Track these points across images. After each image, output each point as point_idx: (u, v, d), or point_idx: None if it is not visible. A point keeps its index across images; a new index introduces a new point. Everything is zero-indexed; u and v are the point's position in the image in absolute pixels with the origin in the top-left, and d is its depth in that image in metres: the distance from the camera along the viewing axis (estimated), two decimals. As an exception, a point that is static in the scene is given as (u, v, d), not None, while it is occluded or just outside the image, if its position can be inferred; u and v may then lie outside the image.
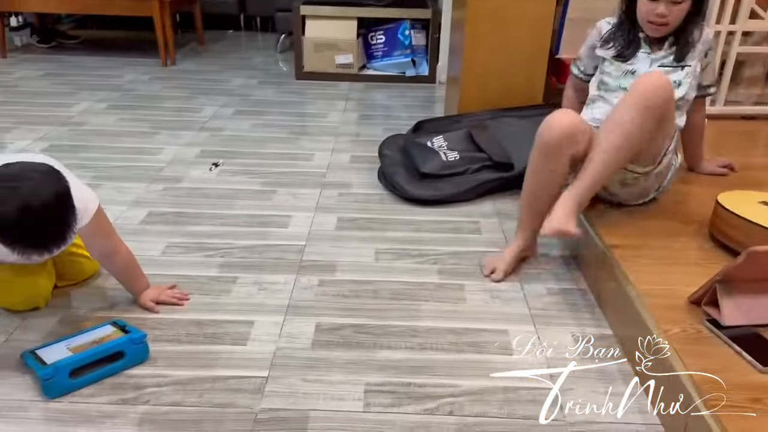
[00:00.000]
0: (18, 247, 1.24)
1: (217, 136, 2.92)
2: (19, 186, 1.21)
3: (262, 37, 5.14)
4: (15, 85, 3.57)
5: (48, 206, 1.23)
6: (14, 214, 1.19)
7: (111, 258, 1.59)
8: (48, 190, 1.24)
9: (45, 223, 1.23)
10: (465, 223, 2.18)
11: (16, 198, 1.19)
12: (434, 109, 3.46)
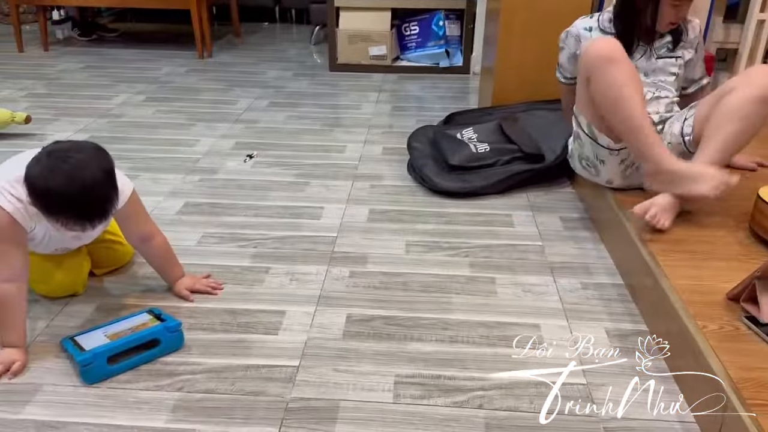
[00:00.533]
0: (62, 217, 1.30)
1: (251, 128, 2.95)
2: (70, 158, 1.27)
3: (296, 29, 5.16)
4: (57, 78, 3.67)
5: (94, 179, 1.29)
6: (63, 183, 1.25)
7: (147, 243, 1.63)
8: (95, 165, 1.30)
9: (90, 195, 1.29)
10: (497, 215, 2.16)
11: (65, 169, 1.26)
12: (468, 100, 3.44)
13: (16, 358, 1.39)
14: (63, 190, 1.26)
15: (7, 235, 1.37)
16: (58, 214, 1.30)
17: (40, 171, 1.27)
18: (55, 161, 1.27)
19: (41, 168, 1.27)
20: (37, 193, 1.28)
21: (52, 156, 1.29)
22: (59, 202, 1.28)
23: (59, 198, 1.28)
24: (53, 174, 1.26)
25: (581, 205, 2.23)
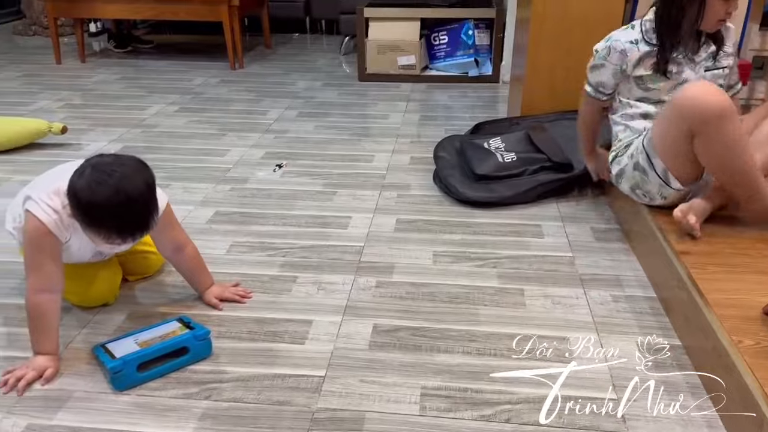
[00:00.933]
0: (104, 230, 1.33)
1: (281, 137, 2.98)
2: (114, 172, 1.30)
3: (326, 39, 5.21)
4: (93, 89, 3.76)
5: (138, 193, 1.32)
6: (107, 197, 1.28)
7: (179, 253, 1.65)
8: (139, 178, 1.33)
9: (133, 209, 1.32)
10: (526, 226, 2.14)
11: (110, 183, 1.28)
12: (497, 110, 3.42)
13: (49, 365, 1.42)
14: (107, 204, 1.29)
15: (43, 246, 1.40)
16: (101, 227, 1.33)
17: (85, 184, 1.29)
18: (100, 174, 1.29)
19: (86, 181, 1.30)
20: (81, 205, 1.31)
21: (96, 169, 1.31)
22: (103, 216, 1.31)
23: (103, 211, 1.30)
24: (98, 187, 1.28)
25: (613, 215, 2.19)
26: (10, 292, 1.75)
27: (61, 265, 1.46)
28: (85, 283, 1.61)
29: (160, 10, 4.10)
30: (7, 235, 1.98)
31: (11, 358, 1.49)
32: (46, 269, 1.41)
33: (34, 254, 1.41)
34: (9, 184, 2.45)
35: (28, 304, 1.42)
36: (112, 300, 1.70)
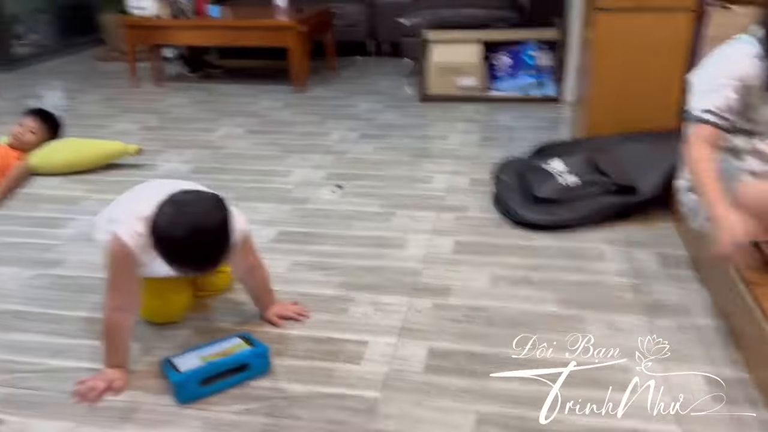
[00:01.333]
0: (177, 264, 1.38)
1: (342, 158, 3.04)
2: (192, 212, 1.35)
3: (389, 62, 5.28)
4: (167, 112, 3.95)
5: (214, 234, 1.37)
6: (185, 237, 1.33)
7: (251, 274, 1.70)
8: (214, 219, 1.38)
9: (208, 249, 1.37)
10: (588, 250, 2.09)
11: (186, 223, 1.34)
12: (560, 131, 3.37)
13: (119, 378, 1.49)
14: (182, 244, 1.34)
15: (126, 267, 1.47)
16: (178, 263, 1.38)
17: (164, 222, 1.34)
18: (179, 213, 1.35)
19: (166, 219, 1.35)
20: (161, 243, 1.36)
21: (176, 207, 1.36)
22: (180, 255, 1.36)
23: (180, 251, 1.36)
24: (177, 227, 1.33)
25: (680, 241, 2.12)
26: (87, 306, 1.85)
27: (140, 286, 1.53)
28: (157, 301, 1.68)
29: (231, 37, 4.28)
30: (89, 253, 2.11)
31: (87, 369, 1.57)
32: (126, 289, 1.49)
33: (116, 274, 1.49)
34: (88, 202, 2.60)
35: (105, 320, 1.50)
36: (180, 319, 1.77)
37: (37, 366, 1.60)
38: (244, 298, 1.81)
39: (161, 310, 1.72)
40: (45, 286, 1.97)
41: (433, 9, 4.50)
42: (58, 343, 1.69)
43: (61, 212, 2.50)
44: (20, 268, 2.07)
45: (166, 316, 1.74)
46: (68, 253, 2.17)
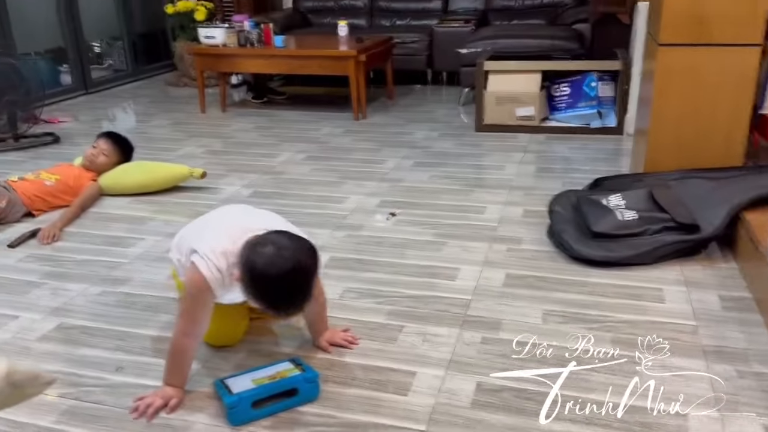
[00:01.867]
0: (264, 306, 1.42)
1: (396, 186, 3.08)
2: (290, 258, 1.38)
3: (446, 90, 5.33)
4: (231, 137, 4.10)
5: (307, 277, 1.41)
6: (279, 283, 1.38)
7: (315, 299, 1.73)
8: (310, 263, 1.42)
9: (296, 297, 1.41)
10: (646, 289, 2.04)
11: (284, 268, 1.37)
12: (620, 163, 3.31)
13: (175, 396, 1.55)
14: (276, 290, 1.39)
15: (201, 299, 1.53)
16: (263, 303, 1.42)
17: (264, 265, 1.38)
18: (278, 258, 1.38)
19: (264, 261, 1.38)
20: (256, 283, 1.40)
21: (276, 251, 1.39)
22: (268, 297, 1.41)
23: (270, 294, 1.40)
24: (273, 271, 1.37)
25: (744, 282, 2.04)
26: (151, 325, 1.94)
27: (210, 316, 1.58)
28: (215, 325, 1.72)
29: (294, 65, 4.42)
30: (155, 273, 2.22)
31: (147, 386, 1.65)
32: (197, 318, 1.55)
33: (191, 303, 1.55)
34: (154, 223, 2.72)
35: (173, 343, 1.57)
36: (235, 343, 1.83)
37: (100, 380, 1.68)
38: (295, 321, 1.85)
39: (221, 333, 1.78)
40: (111, 303, 2.07)
41: (492, 39, 4.54)
42: (122, 359, 1.77)
43: (129, 232, 2.63)
44: (88, 285, 2.19)
45: (225, 339, 1.81)
46: (134, 271, 2.28)
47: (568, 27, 4.78)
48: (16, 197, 2.76)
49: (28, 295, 2.13)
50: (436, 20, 5.41)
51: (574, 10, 5.12)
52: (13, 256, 2.44)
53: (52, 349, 1.82)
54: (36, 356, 1.80)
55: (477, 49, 4.49)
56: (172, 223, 2.67)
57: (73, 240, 2.57)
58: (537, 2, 5.43)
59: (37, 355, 1.80)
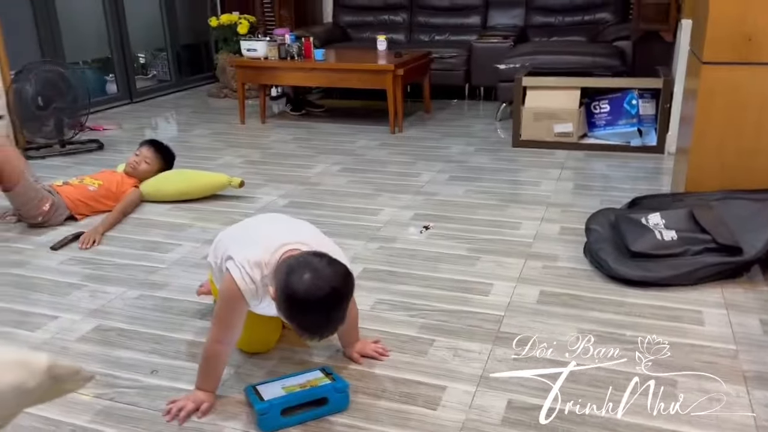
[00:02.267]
0: (298, 328, 1.42)
1: (431, 200, 3.07)
2: (328, 285, 1.38)
3: (483, 106, 5.32)
4: (269, 147, 4.17)
5: (341, 312, 1.41)
6: (316, 308, 1.38)
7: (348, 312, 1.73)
8: (346, 290, 1.42)
9: (330, 323, 1.42)
10: (685, 311, 1.99)
11: (321, 295, 1.37)
12: (660, 182, 3.25)
13: (207, 400, 1.57)
14: (313, 315, 1.39)
15: (234, 308, 1.55)
16: (296, 326, 1.43)
17: (303, 289, 1.36)
18: (316, 283, 1.36)
19: (304, 286, 1.36)
20: (290, 305, 1.40)
21: (314, 275, 1.37)
22: (304, 321, 1.41)
23: (306, 318, 1.40)
24: (311, 297, 1.36)
25: (788, 307, 1.97)
26: (186, 329, 1.97)
27: (243, 324, 1.60)
28: (249, 332, 1.74)
29: (333, 79, 4.48)
30: (191, 278, 2.26)
31: (180, 389, 1.67)
32: (230, 326, 1.57)
33: (225, 311, 1.57)
34: (193, 229, 2.78)
35: (207, 349, 1.59)
36: (268, 351, 1.84)
37: (135, 382, 1.71)
38: (327, 332, 1.86)
39: (254, 340, 1.80)
40: (148, 306, 2.12)
41: (531, 55, 4.52)
42: (156, 362, 1.80)
43: (168, 238, 2.69)
44: (127, 288, 2.24)
45: (258, 346, 1.82)
46: (172, 276, 2.33)
47: (609, 44, 4.74)
48: (60, 201, 2.85)
49: (68, 296, 2.19)
50: (474, 36, 5.41)
51: (615, 27, 5.07)
52: (55, 258, 2.51)
53: (89, 350, 1.87)
54: (74, 356, 1.84)
55: (515, 64, 4.48)
56: (209, 230, 2.72)
57: (113, 244, 2.64)
58: (577, 19, 5.40)
59: (75, 355, 1.85)
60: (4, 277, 2.35)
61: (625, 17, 5.27)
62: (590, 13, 5.36)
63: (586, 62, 4.35)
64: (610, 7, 5.31)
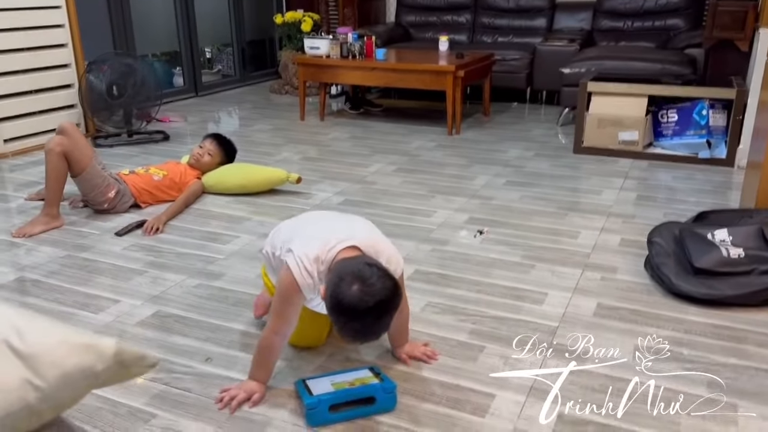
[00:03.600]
0: (343, 331, 1.44)
1: (486, 204, 3.04)
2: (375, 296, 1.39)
3: (545, 110, 5.22)
4: (327, 145, 4.21)
5: (385, 323, 1.43)
6: (362, 320, 1.40)
7: (399, 311, 1.74)
8: (390, 306, 1.43)
9: (374, 329, 1.43)
10: (750, 332, 1.90)
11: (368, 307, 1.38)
12: (728, 197, 3.11)
13: (258, 391, 1.60)
14: (358, 323, 1.41)
15: (291, 300, 1.58)
16: (342, 329, 1.44)
17: (349, 301, 1.38)
18: (364, 296, 1.38)
19: (351, 299, 1.38)
20: (338, 312, 1.42)
21: (363, 286, 1.39)
22: (349, 327, 1.43)
23: (352, 326, 1.42)
24: (357, 307, 1.38)
25: None
26: (241, 320, 2.02)
27: (298, 317, 1.63)
28: (301, 326, 1.76)
29: (393, 79, 4.48)
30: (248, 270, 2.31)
31: (233, 378, 1.71)
32: (286, 317, 1.60)
33: (282, 303, 1.60)
34: (250, 222, 2.84)
35: (263, 340, 1.62)
36: (318, 345, 1.86)
37: (190, 369, 1.76)
38: (377, 332, 1.86)
39: (306, 334, 1.82)
40: (205, 296, 2.17)
41: (597, 60, 4.42)
42: (211, 350, 1.85)
43: (226, 229, 2.76)
44: (186, 277, 2.31)
45: (309, 341, 1.85)
46: (229, 267, 2.38)
47: (680, 51, 4.58)
48: (125, 189, 2.96)
49: (130, 281, 2.28)
50: (539, 38, 5.32)
51: (686, 34, 4.89)
52: (119, 243, 2.61)
53: (148, 335, 1.94)
54: (132, 340, 1.91)
55: (581, 69, 4.39)
56: (266, 224, 2.77)
57: (175, 233, 2.72)
58: (647, 25, 5.23)
59: (134, 339, 1.92)
60: (71, 259, 2.46)
61: (698, 24, 5.07)
62: (661, 19, 5.18)
63: (654, 69, 4.21)
64: (682, 14, 5.13)
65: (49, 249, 2.56)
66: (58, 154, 2.69)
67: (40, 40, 3.98)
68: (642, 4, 5.22)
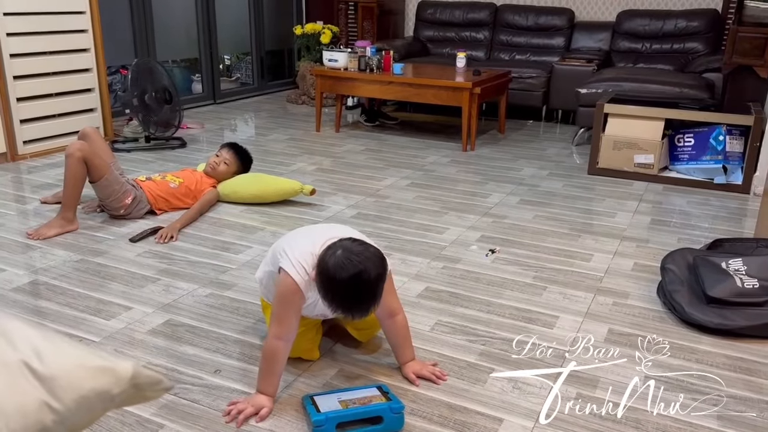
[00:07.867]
0: (333, 305, 1.52)
1: (498, 222, 3.04)
2: (359, 262, 1.49)
3: (560, 129, 5.22)
4: (341, 157, 4.23)
5: (369, 286, 1.50)
6: (345, 282, 1.49)
7: (391, 318, 1.76)
8: (375, 273, 1.51)
9: (362, 297, 1.50)
10: (763, 365, 1.88)
11: (351, 270, 1.48)
12: (743, 224, 3.09)
13: (266, 405, 1.61)
14: (343, 289, 1.49)
15: (292, 301, 1.61)
16: (332, 301, 1.52)
17: (334, 265, 1.49)
18: (347, 259, 1.49)
19: (335, 262, 1.49)
20: (324, 280, 1.52)
21: (346, 253, 1.50)
22: (336, 295, 1.51)
23: (338, 292, 1.50)
24: (342, 270, 1.48)
25: None
26: (251, 332, 2.02)
27: (299, 319, 1.65)
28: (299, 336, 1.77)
29: (409, 93, 4.50)
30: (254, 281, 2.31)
31: (240, 391, 1.72)
32: (288, 321, 1.62)
33: (282, 307, 1.62)
34: (262, 233, 2.85)
35: (266, 347, 1.63)
36: (314, 358, 1.86)
37: (198, 380, 1.77)
38: (387, 348, 1.86)
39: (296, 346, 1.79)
40: (217, 305, 2.18)
41: (614, 81, 4.41)
42: (220, 362, 1.86)
43: (239, 239, 2.77)
44: (198, 286, 2.32)
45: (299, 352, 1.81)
46: (241, 278, 2.39)
47: (698, 75, 4.56)
48: (142, 195, 2.99)
49: (143, 288, 2.29)
50: (557, 57, 5.33)
51: (705, 58, 4.88)
52: (133, 250, 2.63)
53: (158, 343, 1.95)
54: (143, 348, 1.92)
55: (598, 90, 4.39)
56: (278, 235, 2.78)
57: (188, 241, 2.74)
58: (666, 47, 5.22)
59: (144, 347, 1.93)
60: (85, 264, 2.48)
61: (717, 48, 5.06)
62: (680, 42, 5.18)
63: (672, 93, 4.20)
64: (701, 37, 5.12)
65: (64, 252, 2.58)
66: (78, 159, 2.72)
67: (64, 44, 4.04)
68: (661, 26, 5.21)
